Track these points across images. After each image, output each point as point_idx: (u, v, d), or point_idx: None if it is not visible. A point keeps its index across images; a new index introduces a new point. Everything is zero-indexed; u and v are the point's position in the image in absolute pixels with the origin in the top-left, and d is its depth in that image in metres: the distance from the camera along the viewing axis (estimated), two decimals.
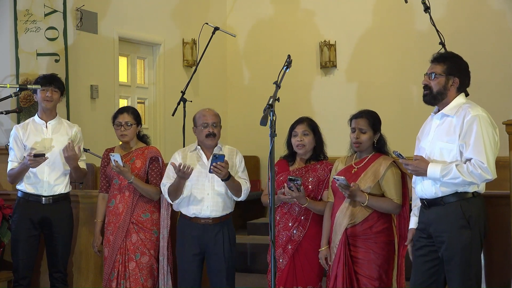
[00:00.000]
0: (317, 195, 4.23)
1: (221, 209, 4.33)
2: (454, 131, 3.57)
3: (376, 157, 4.04)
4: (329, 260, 4.07)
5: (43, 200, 4.70)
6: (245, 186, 4.33)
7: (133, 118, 4.62)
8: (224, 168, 4.08)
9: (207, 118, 4.37)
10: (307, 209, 4.17)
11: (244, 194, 4.34)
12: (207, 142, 4.36)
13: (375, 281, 3.92)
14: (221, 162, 4.07)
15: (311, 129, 4.28)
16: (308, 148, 4.28)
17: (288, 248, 4.20)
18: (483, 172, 3.47)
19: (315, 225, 4.19)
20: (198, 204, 4.32)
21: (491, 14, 7.76)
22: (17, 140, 4.73)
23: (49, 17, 6.51)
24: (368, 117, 4.05)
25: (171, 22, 8.19)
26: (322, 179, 4.23)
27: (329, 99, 8.55)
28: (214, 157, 4.08)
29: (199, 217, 4.34)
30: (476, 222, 3.56)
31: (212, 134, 4.34)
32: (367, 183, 3.95)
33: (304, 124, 4.28)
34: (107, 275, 4.52)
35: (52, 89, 4.70)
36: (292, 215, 4.22)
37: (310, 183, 4.22)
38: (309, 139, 4.26)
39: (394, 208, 3.97)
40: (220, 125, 4.43)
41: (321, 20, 8.66)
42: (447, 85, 3.65)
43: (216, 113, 4.43)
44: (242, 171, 4.40)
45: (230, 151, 4.43)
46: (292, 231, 4.20)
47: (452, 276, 3.57)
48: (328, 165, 4.26)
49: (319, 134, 4.32)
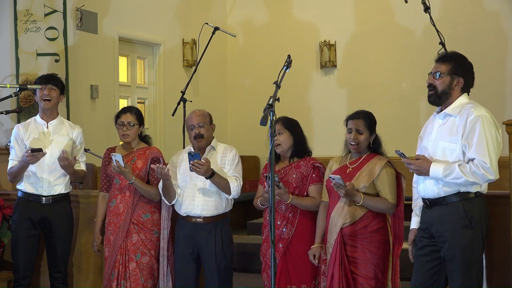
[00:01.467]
0: (302, 191, 4.24)
1: (212, 209, 4.33)
2: (457, 131, 3.57)
3: (371, 157, 4.05)
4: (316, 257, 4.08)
5: (43, 200, 4.70)
6: (235, 184, 4.31)
7: (136, 118, 4.61)
8: (202, 166, 4.10)
9: (192, 119, 4.39)
10: (294, 206, 4.19)
11: (235, 191, 4.32)
12: (196, 143, 4.39)
13: (371, 280, 3.93)
14: (198, 160, 4.08)
15: (286, 127, 4.29)
16: (285, 147, 4.29)
17: (279, 247, 4.21)
18: (486, 172, 3.47)
19: (304, 222, 4.21)
20: (190, 203, 4.35)
21: (491, 14, 7.76)
22: (18, 139, 4.73)
23: (49, 17, 6.50)
24: (364, 118, 4.06)
25: (171, 22, 8.18)
26: (305, 175, 4.24)
27: (329, 99, 8.55)
28: (189, 155, 4.11)
29: (191, 216, 4.36)
30: (478, 222, 3.56)
31: (198, 135, 4.35)
32: (362, 182, 3.96)
33: (278, 123, 4.29)
34: (108, 275, 4.51)
35: (50, 87, 4.69)
36: (279, 213, 4.24)
37: (294, 180, 4.24)
38: (284, 138, 4.27)
39: (389, 208, 3.98)
40: (208, 124, 4.41)
41: (321, 20, 8.66)
42: (452, 85, 3.65)
43: (203, 113, 4.43)
44: (234, 169, 4.38)
45: (224, 149, 4.44)
46: (282, 229, 4.21)
47: (453, 276, 3.57)
48: (310, 160, 4.28)
49: (296, 131, 4.33)
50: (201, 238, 4.34)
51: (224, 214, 4.41)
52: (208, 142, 4.42)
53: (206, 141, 4.40)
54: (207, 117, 4.44)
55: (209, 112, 4.52)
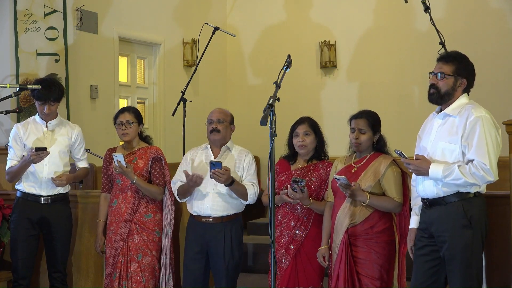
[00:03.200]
0: (319, 195, 4.23)
1: (221, 209, 4.33)
2: (457, 131, 3.56)
3: (376, 156, 4.04)
4: (326, 259, 4.07)
5: (42, 200, 4.70)
6: (252, 191, 4.31)
7: (134, 117, 4.62)
8: (223, 174, 4.10)
9: (213, 115, 4.43)
10: (310, 209, 4.17)
11: (251, 198, 4.33)
12: (212, 137, 4.39)
13: (377, 281, 3.92)
14: (219, 169, 4.09)
15: (312, 129, 4.29)
16: (310, 148, 4.28)
17: (290, 248, 4.20)
18: (486, 174, 3.47)
19: (316, 225, 4.19)
20: (200, 202, 4.34)
21: (491, 14, 7.76)
22: (17, 139, 4.73)
23: (49, 17, 6.50)
24: (367, 118, 4.05)
25: (171, 22, 8.18)
26: (324, 179, 4.23)
27: (329, 99, 8.55)
28: (211, 164, 4.12)
29: (201, 215, 4.35)
30: (478, 222, 3.56)
31: (215, 130, 4.36)
32: (367, 182, 3.95)
33: (305, 124, 4.28)
34: (109, 275, 4.51)
35: (49, 104, 4.67)
36: (295, 215, 4.22)
37: (313, 183, 4.22)
38: (310, 139, 4.27)
39: (395, 207, 3.97)
40: (228, 123, 4.43)
41: (321, 20, 8.65)
42: (455, 86, 3.64)
43: (224, 111, 4.47)
44: (252, 174, 4.38)
45: (240, 153, 4.43)
46: (295, 231, 4.20)
47: (453, 275, 3.57)
48: (330, 164, 4.27)
49: (320, 133, 4.33)
50: (211, 238, 4.33)
51: (234, 215, 4.39)
52: (224, 140, 4.42)
53: (222, 138, 4.39)
54: (228, 116, 4.46)
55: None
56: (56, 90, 4.69)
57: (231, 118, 4.48)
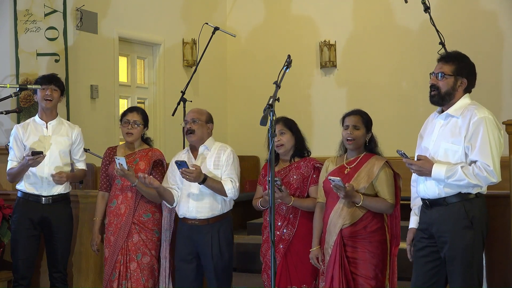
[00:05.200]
0: (303, 192, 4.24)
1: (207, 210, 4.32)
2: (460, 132, 3.55)
3: (368, 157, 4.05)
4: (319, 260, 4.07)
5: (43, 200, 4.70)
6: (229, 185, 4.27)
7: (142, 119, 4.63)
8: (191, 173, 4.10)
9: (187, 115, 4.42)
10: (295, 207, 4.19)
11: (231, 193, 4.29)
12: (188, 139, 4.40)
13: (372, 280, 3.93)
14: (185, 168, 4.09)
15: (287, 127, 4.29)
16: (288, 147, 4.29)
17: (279, 247, 4.21)
18: (489, 175, 3.46)
19: (305, 223, 4.20)
20: (185, 205, 4.35)
21: (491, 14, 7.76)
22: (17, 140, 4.73)
23: (49, 17, 6.50)
24: (361, 115, 4.08)
25: (171, 22, 8.18)
26: (306, 176, 4.24)
27: (329, 99, 8.55)
28: (177, 164, 4.14)
29: (187, 218, 4.37)
30: (479, 222, 3.55)
31: (189, 131, 4.35)
32: (361, 183, 3.95)
33: (280, 123, 4.28)
34: (108, 276, 4.51)
35: (52, 88, 4.71)
36: (280, 214, 4.23)
37: (295, 181, 4.23)
38: (287, 138, 4.27)
39: (388, 208, 3.98)
40: (204, 122, 4.39)
41: (321, 20, 8.66)
42: (456, 85, 3.62)
43: (199, 110, 4.44)
44: (230, 169, 4.34)
45: (219, 149, 4.40)
46: (282, 230, 4.21)
47: (454, 276, 3.57)
48: (311, 161, 4.28)
49: (297, 131, 4.32)
50: (199, 240, 4.33)
51: (222, 215, 4.37)
52: (201, 140, 4.40)
53: (198, 138, 4.37)
54: (204, 115, 4.43)
55: (210, 112, 4.51)
56: (58, 79, 4.77)
57: (207, 116, 4.45)
